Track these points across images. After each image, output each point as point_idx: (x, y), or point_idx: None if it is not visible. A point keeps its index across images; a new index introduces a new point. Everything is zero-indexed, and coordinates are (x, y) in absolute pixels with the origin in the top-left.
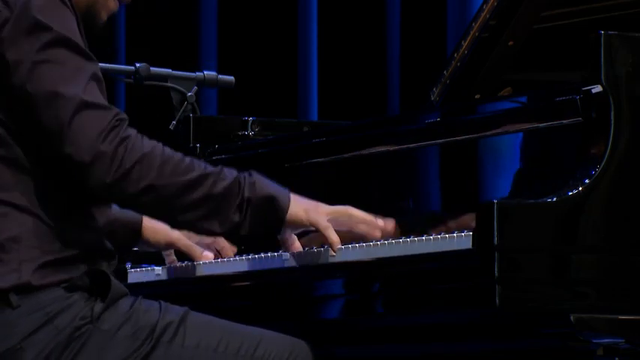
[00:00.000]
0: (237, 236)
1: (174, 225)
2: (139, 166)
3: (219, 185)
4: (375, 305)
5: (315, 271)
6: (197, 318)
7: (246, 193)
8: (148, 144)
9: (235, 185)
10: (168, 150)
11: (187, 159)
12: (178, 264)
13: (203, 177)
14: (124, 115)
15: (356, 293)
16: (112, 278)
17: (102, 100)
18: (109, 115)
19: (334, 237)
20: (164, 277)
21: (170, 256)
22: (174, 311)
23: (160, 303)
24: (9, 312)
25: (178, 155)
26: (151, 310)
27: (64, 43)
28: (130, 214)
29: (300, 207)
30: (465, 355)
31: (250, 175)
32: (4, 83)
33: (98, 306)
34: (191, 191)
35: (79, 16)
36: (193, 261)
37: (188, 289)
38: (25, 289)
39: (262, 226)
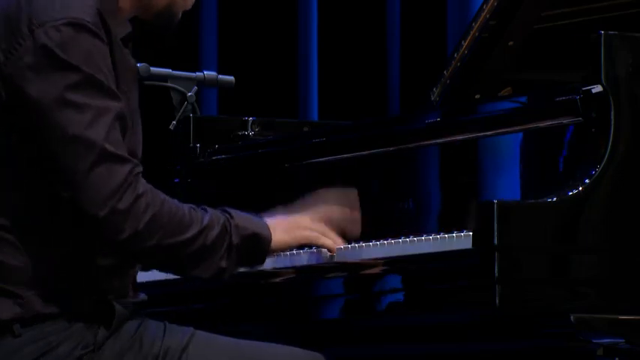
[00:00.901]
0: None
1: (164, 271)
2: (149, 226)
3: (210, 236)
4: (375, 305)
5: (315, 272)
6: (201, 341)
7: (233, 239)
8: (158, 200)
9: (222, 233)
10: (173, 205)
11: (187, 213)
12: None
13: (200, 232)
14: (140, 168)
15: (356, 293)
16: (117, 305)
17: (121, 148)
18: (127, 168)
19: (329, 242)
20: None
21: None
22: (178, 335)
23: (165, 325)
24: (10, 340)
25: (180, 210)
26: (154, 335)
27: (90, 82)
28: None
29: (281, 232)
30: (465, 355)
31: (231, 216)
32: (20, 116)
33: (101, 334)
34: (189, 246)
35: (112, 41)
36: None
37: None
38: (30, 321)
39: (248, 263)
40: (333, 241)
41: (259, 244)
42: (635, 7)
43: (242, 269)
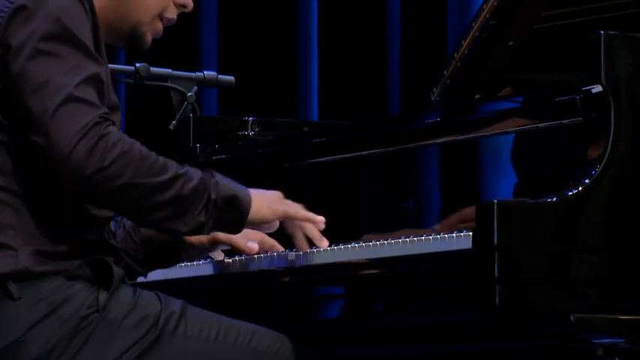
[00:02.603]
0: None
1: (140, 224)
2: (117, 164)
3: (187, 186)
4: (375, 305)
5: (315, 271)
6: (195, 310)
7: (212, 194)
8: (128, 141)
9: (201, 186)
10: (144, 149)
11: (161, 159)
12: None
13: (175, 178)
14: (109, 116)
15: (356, 293)
16: (114, 266)
17: (92, 98)
18: (94, 112)
19: (316, 217)
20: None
21: (218, 256)
22: (174, 302)
23: (157, 294)
24: (10, 304)
25: (153, 155)
26: (152, 300)
27: (71, 40)
28: None
29: (262, 204)
30: (465, 355)
31: (213, 175)
32: (3, 68)
33: (102, 295)
34: (163, 192)
35: (97, 22)
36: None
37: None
38: (23, 277)
39: (225, 226)
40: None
41: (238, 208)
42: (635, 7)
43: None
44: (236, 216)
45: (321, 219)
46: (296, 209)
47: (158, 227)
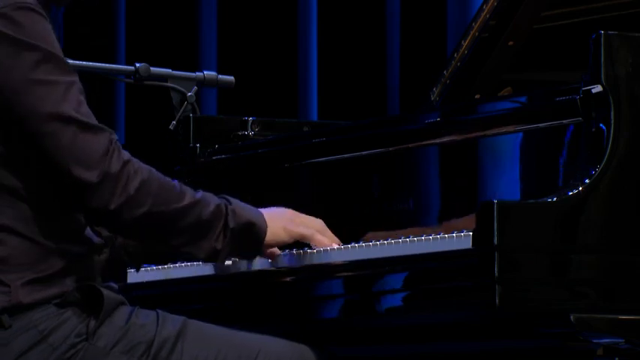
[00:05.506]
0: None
1: (159, 248)
2: (140, 193)
3: (205, 212)
4: (375, 305)
5: (315, 272)
6: (195, 330)
7: (230, 222)
8: (145, 168)
9: (217, 212)
10: (161, 175)
11: (177, 184)
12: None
13: (193, 204)
14: (116, 136)
15: (356, 293)
16: (105, 291)
17: (93, 118)
18: (106, 136)
19: (325, 241)
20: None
21: None
22: (172, 323)
23: (157, 313)
24: (1, 332)
25: (170, 181)
26: (147, 323)
27: (50, 59)
28: None
29: (277, 226)
30: (465, 355)
31: (229, 201)
32: None
33: (93, 322)
34: (181, 218)
35: (47, 18)
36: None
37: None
38: (16, 310)
39: (242, 252)
40: (329, 239)
41: (255, 234)
42: (635, 7)
43: (235, 259)
44: (253, 243)
45: (335, 241)
46: (312, 232)
47: (176, 252)
